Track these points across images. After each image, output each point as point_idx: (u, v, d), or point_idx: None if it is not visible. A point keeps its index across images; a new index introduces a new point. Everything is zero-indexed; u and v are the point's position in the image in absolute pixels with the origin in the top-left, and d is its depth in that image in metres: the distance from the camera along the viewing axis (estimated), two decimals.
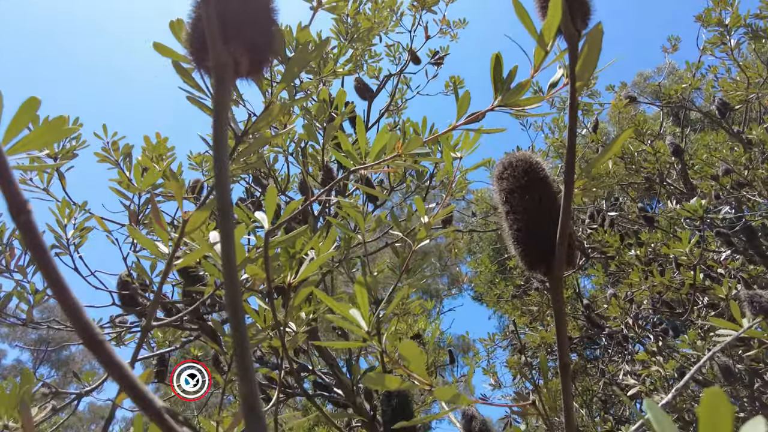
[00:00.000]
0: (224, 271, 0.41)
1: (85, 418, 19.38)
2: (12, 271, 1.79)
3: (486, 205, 4.01)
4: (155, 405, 0.35)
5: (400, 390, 1.02)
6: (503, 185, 0.83)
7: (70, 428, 17.10)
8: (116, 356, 0.35)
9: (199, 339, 3.14)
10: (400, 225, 1.35)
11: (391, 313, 0.95)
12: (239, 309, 0.40)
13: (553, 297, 0.78)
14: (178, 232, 0.77)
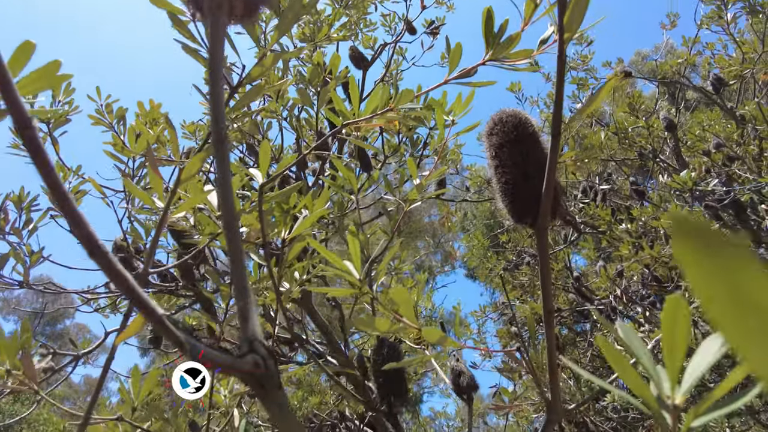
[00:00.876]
0: (220, 194, 0.43)
1: (80, 390, 19.66)
2: (7, 233, 1.80)
3: (480, 179, 4.03)
4: (157, 312, 0.37)
5: (390, 342, 1.05)
6: (493, 141, 0.85)
7: (66, 399, 17.33)
8: (119, 266, 0.37)
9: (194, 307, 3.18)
10: (393, 189, 1.37)
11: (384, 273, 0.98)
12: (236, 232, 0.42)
13: (539, 247, 0.81)
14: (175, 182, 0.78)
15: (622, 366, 0.38)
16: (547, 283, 0.82)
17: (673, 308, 0.36)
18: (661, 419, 0.37)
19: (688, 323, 0.37)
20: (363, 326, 0.78)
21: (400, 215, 1.33)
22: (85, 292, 2.27)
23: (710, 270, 0.12)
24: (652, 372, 0.38)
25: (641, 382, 0.38)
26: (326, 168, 2.21)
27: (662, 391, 0.38)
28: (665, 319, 0.37)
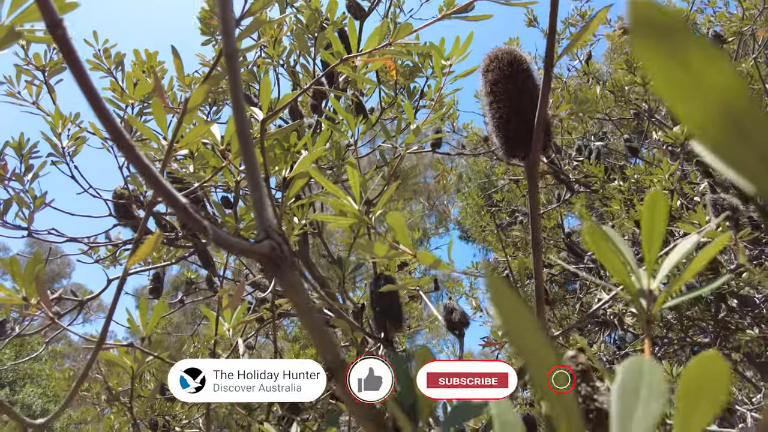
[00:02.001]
0: (233, 104, 0.46)
1: (80, 348, 20.08)
2: (8, 180, 1.82)
3: (476, 137, 4.04)
4: (180, 201, 0.41)
5: (387, 276, 1.11)
6: (489, 77, 0.88)
7: (66, 357, 17.71)
8: (143, 156, 0.41)
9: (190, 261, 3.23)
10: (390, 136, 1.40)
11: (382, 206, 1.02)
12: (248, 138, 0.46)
13: (529, 180, 0.85)
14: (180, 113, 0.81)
15: (606, 254, 0.42)
16: (535, 217, 0.87)
17: (651, 203, 0.40)
18: (638, 303, 0.42)
19: (664, 218, 0.41)
20: (362, 250, 0.83)
21: (396, 161, 1.36)
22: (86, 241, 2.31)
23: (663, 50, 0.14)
24: (631, 262, 0.43)
25: (623, 269, 0.42)
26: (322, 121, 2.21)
27: (639, 279, 0.42)
28: (644, 213, 0.41)
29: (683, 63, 0.14)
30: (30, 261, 1.01)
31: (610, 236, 0.42)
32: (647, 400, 0.19)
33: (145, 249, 0.74)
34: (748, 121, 0.13)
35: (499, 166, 5.67)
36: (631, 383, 0.20)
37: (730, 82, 0.12)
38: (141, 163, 0.40)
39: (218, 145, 0.92)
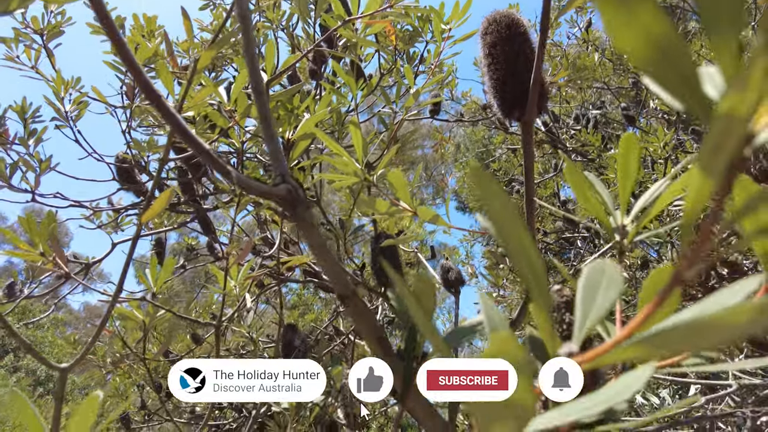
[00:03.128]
0: (247, 62, 0.50)
1: (81, 317, 20.36)
2: (12, 144, 1.85)
3: (475, 104, 4.04)
4: (204, 146, 0.45)
5: (387, 234, 1.16)
6: (487, 40, 0.91)
7: (68, 325, 17.98)
8: (171, 108, 0.45)
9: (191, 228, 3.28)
10: (390, 101, 1.43)
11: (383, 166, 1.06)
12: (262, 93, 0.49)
13: (524, 140, 0.89)
14: (188, 72, 0.84)
15: (585, 195, 0.47)
16: (530, 175, 0.91)
17: (626, 146, 0.45)
18: (613, 236, 0.47)
19: (637, 160, 0.46)
20: (365, 206, 0.87)
21: (396, 124, 1.39)
22: (90, 206, 2.34)
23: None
24: (607, 202, 0.47)
25: (600, 208, 0.47)
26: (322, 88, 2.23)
27: (614, 216, 0.47)
28: (619, 155, 0.45)
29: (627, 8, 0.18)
30: (45, 220, 1.05)
31: (589, 180, 0.46)
32: (606, 289, 0.24)
33: (159, 204, 0.79)
34: (671, 48, 0.17)
35: (498, 136, 5.67)
36: (593, 277, 0.25)
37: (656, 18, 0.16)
38: (169, 113, 0.43)
39: (225, 106, 0.95)
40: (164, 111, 0.43)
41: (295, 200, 0.44)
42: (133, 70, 0.43)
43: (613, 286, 0.24)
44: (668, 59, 0.17)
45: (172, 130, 0.44)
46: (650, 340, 0.18)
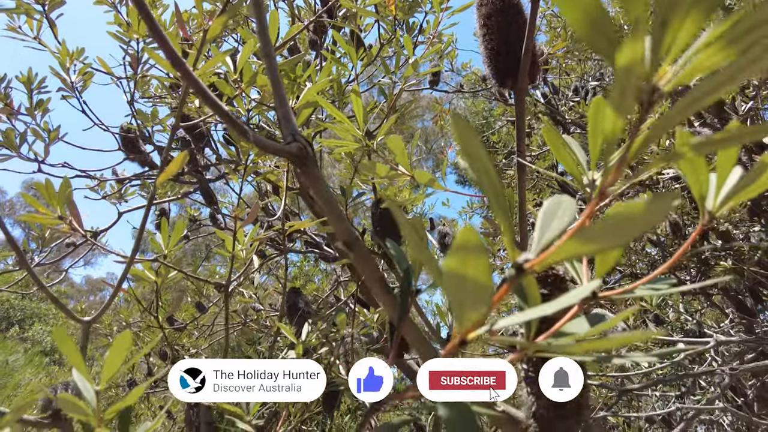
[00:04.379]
0: (258, 30, 0.54)
1: (83, 290, 20.62)
2: (18, 113, 1.89)
3: (475, 76, 4.05)
4: (224, 108, 0.50)
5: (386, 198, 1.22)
6: (482, 11, 0.95)
7: (70, 298, 18.23)
8: (194, 73, 0.50)
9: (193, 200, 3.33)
10: (390, 71, 1.46)
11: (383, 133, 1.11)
12: (273, 58, 0.54)
13: (517, 107, 0.94)
14: (198, 43, 0.88)
15: (561, 153, 0.52)
16: (522, 140, 0.96)
17: (595, 108, 0.50)
18: (585, 189, 0.53)
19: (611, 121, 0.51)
20: (366, 170, 0.93)
21: (396, 95, 1.43)
22: (94, 177, 2.39)
23: None
24: (580, 158, 0.53)
25: (574, 165, 0.53)
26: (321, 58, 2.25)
27: (586, 172, 0.53)
28: (590, 117, 0.50)
29: None
30: (62, 184, 1.11)
31: (566, 140, 0.52)
32: (561, 216, 0.30)
33: (174, 165, 0.84)
34: (600, 20, 0.22)
35: (498, 108, 5.67)
36: (551, 208, 0.31)
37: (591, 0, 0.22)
38: (193, 78, 0.49)
39: (231, 74, 1.00)
40: (189, 77, 0.48)
41: (306, 157, 0.49)
42: (158, 37, 0.47)
43: (567, 213, 0.30)
44: (598, 28, 0.22)
45: (196, 95, 0.48)
46: (583, 237, 0.24)
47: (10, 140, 1.68)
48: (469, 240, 0.24)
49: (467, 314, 0.28)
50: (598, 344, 0.29)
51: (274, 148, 0.50)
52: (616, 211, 0.22)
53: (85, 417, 0.57)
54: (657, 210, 0.21)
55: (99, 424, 0.59)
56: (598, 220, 0.23)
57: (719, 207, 0.41)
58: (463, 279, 0.27)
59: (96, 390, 0.61)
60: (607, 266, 0.42)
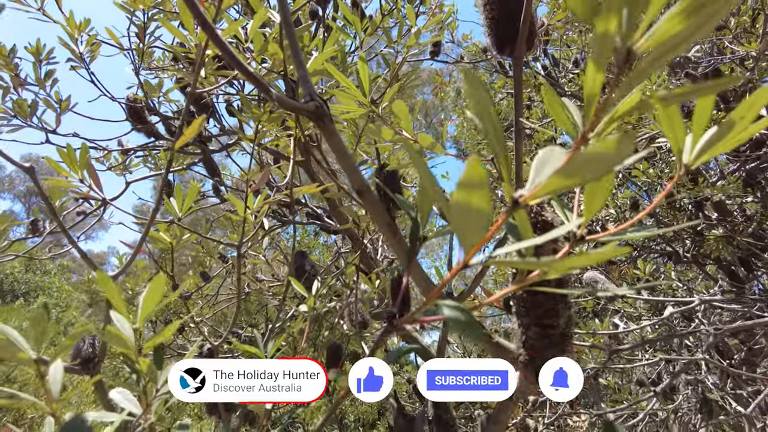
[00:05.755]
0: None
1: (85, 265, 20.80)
2: (27, 84, 1.92)
3: (475, 47, 4.04)
4: (249, 69, 0.55)
5: (385, 164, 1.27)
6: None
7: (72, 272, 18.40)
8: (220, 34, 0.55)
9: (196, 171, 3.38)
10: (392, 40, 1.50)
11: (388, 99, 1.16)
12: (291, 24, 0.59)
13: (515, 74, 0.99)
14: (215, 8, 0.92)
15: (556, 110, 0.58)
16: (519, 106, 1.01)
17: (591, 72, 0.55)
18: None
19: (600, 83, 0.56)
20: (372, 134, 0.98)
21: (398, 64, 1.47)
22: (102, 147, 2.44)
23: None
24: (576, 117, 0.58)
25: (569, 123, 0.58)
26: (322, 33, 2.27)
27: (578, 128, 0.58)
28: (586, 79, 0.56)
29: None
30: (82, 150, 1.16)
31: (563, 101, 0.57)
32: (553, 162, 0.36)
33: (191, 131, 0.90)
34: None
35: (498, 80, 5.66)
36: (545, 156, 0.37)
37: None
38: (221, 42, 0.53)
39: (242, 43, 1.04)
40: (216, 39, 0.53)
41: (323, 114, 0.55)
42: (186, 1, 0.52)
43: (558, 160, 0.36)
44: (593, 10, 0.28)
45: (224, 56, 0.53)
46: (565, 173, 0.30)
47: (23, 109, 1.72)
48: (474, 174, 0.30)
49: (470, 238, 0.35)
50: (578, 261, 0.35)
51: (294, 106, 0.55)
52: (590, 150, 0.28)
53: (126, 349, 0.64)
54: (622, 147, 0.27)
55: (138, 357, 0.66)
56: (576, 157, 0.29)
57: (694, 160, 0.47)
58: (467, 208, 0.33)
59: (134, 328, 0.68)
60: (593, 210, 0.48)
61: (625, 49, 0.29)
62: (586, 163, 0.29)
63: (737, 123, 0.39)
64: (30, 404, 0.62)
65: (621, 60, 0.30)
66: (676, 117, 0.45)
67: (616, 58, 0.30)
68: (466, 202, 0.32)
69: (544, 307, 0.60)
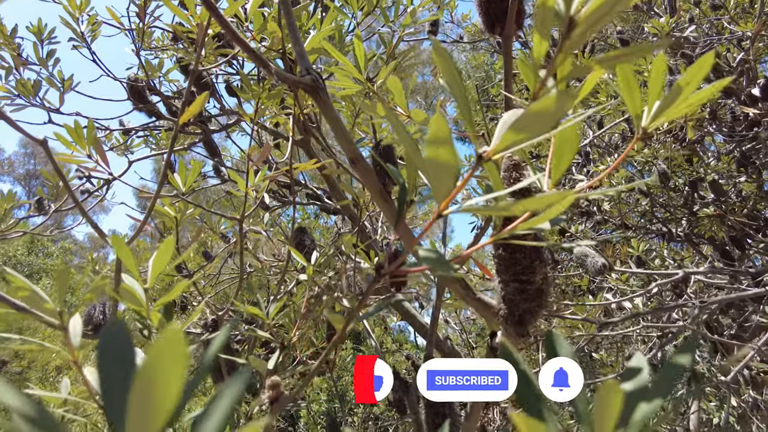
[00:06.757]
0: None
1: (86, 247, 20.94)
2: (29, 64, 1.95)
3: (475, 27, 4.05)
4: (250, 46, 0.60)
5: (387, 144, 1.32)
6: None
7: (74, 254, 18.54)
8: (222, 13, 0.59)
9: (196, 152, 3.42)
10: (389, 19, 1.53)
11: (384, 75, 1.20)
12: (288, 5, 0.63)
13: (504, 50, 1.03)
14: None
15: (528, 76, 0.62)
16: (509, 78, 1.06)
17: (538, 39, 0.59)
18: None
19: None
20: (367, 110, 1.03)
21: (395, 43, 1.51)
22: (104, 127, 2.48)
23: None
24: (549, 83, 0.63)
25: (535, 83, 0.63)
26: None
27: None
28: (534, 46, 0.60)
29: None
30: (89, 126, 1.21)
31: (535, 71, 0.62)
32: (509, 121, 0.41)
33: (196, 105, 0.94)
34: None
35: (498, 62, 5.65)
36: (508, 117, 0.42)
37: None
38: (220, 16, 0.58)
39: (243, 22, 1.07)
40: (218, 16, 0.57)
41: (318, 87, 0.59)
42: None
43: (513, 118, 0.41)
44: None
45: (226, 33, 0.58)
46: (516, 128, 0.35)
47: (27, 88, 1.76)
48: (439, 131, 0.35)
49: (442, 187, 0.40)
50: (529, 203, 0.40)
51: (292, 80, 0.60)
52: (534, 107, 0.33)
53: (138, 306, 0.70)
54: (561, 104, 0.32)
55: (149, 314, 0.72)
56: (525, 114, 0.34)
57: (650, 122, 0.52)
58: (437, 161, 0.38)
59: (145, 288, 0.73)
60: (561, 170, 0.53)
61: (568, 18, 0.34)
62: (533, 118, 0.34)
63: (684, 89, 0.44)
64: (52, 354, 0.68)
65: (565, 29, 0.35)
66: (634, 86, 0.50)
67: (562, 27, 0.35)
68: (435, 156, 0.37)
69: (522, 265, 0.65)
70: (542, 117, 0.33)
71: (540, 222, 0.48)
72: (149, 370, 0.19)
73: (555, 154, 0.51)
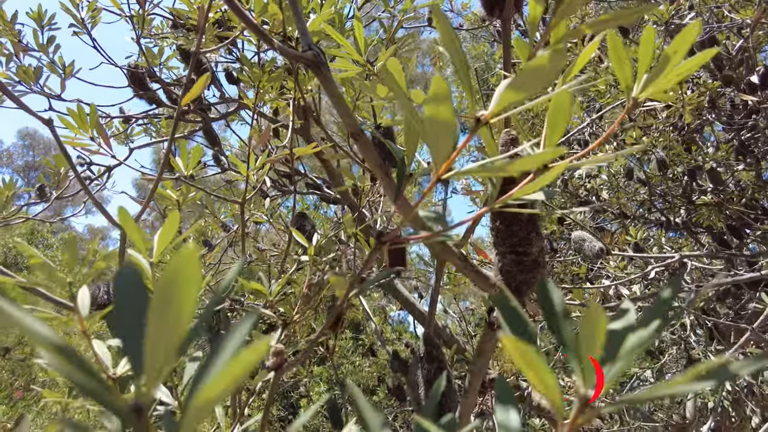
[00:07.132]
0: None
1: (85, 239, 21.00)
2: (31, 50, 1.96)
3: (475, 16, 4.04)
4: (254, 21, 0.61)
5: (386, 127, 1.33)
6: None
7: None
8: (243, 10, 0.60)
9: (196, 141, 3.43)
10: (388, 4, 1.54)
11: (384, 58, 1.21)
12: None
13: (503, 32, 1.04)
14: None
15: (521, 50, 0.64)
16: (508, 58, 1.07)
17: (533, 4, 0.61)
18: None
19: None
20: (366, 90, 1.04)
21: (394, 28, 1.52)
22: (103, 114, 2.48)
23: None
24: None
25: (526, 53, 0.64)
26: None
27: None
28: (530, 10, 0.61)
29: None
30: (91, 109, 1.22)
31: (525, 43, 0.63)
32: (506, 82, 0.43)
33: (198, 87, 0.96)
34: None
35: (498, 51, 5.63)
36: (504, 82, 0.44)
37: None
38: (242, 14, 0.59)
39: (245, 4, 1.09)
40: (236, 10, 0.59)
41: (320, 62, 0.61)
42: None
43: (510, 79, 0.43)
44: None
45: (231, 9, 0.59)
46: (513, 87, 0.36)
47: (28, 74, 1.77)
48: (439, 90, 0.36)
49: (441, 148, 0.42)
50: (522, 164, 0.42)
51: (294, 55, 0.61)
52: (529, 65, 0.35)
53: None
54: (554, 62, 0.34)
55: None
56: (521, 73, 0.36)
57: (639, 92, 0.54)
58: (436, 120, 0.39)
59: (150, 261, 0.75)
60: (554, 140, 0.55)
61: None
62: (529, 77, 0.36)
63: (672, 57, 0.46)
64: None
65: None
66: (624, 57, 0.51)
67: None
68: (435, 114, 0.38)
69: (518, 236, 0.67)
70: (538, 74, 0.35)
71: (535, 188, 0.50)
72: (167, 284, 0.20)
73: (549, 125, 0.53)
